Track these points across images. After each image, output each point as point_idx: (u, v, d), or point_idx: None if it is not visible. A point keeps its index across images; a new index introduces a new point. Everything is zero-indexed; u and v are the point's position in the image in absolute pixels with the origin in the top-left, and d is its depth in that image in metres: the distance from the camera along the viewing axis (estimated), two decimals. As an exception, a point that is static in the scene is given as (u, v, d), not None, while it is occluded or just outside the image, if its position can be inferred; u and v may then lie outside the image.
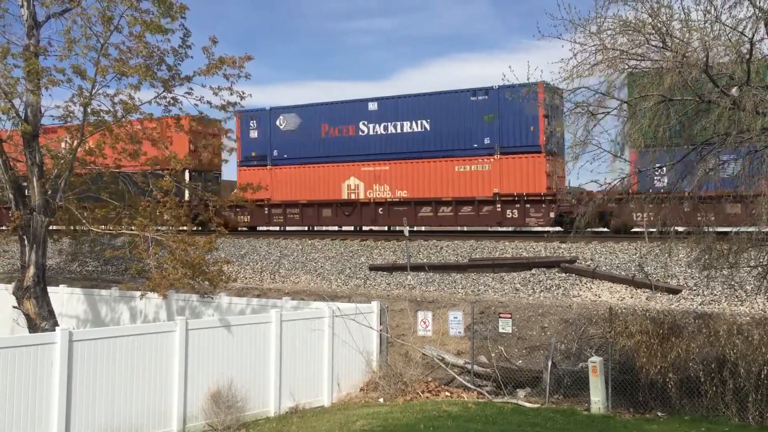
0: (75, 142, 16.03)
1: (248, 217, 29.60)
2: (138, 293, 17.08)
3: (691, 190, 11.39)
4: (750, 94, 10.07)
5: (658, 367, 13.15)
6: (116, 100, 15.88)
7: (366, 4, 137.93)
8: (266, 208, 29.24)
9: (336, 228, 30.82)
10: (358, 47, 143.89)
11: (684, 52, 10.32)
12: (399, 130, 27.17)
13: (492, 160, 25.10)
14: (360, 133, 27.92)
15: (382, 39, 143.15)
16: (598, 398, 13.75)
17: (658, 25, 10.70)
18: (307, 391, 15.38)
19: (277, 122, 29.78)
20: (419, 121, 26.81)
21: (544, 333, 16.28)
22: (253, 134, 30.17)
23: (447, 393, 15.55)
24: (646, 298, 17.46)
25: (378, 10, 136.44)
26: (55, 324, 14.78)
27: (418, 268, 21.47)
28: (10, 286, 17.26)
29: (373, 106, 27.74)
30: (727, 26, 10.38)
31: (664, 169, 12.24)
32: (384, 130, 27.49)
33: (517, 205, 24.59)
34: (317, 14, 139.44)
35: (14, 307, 16.05)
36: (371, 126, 27.72)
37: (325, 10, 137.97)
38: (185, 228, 16.81)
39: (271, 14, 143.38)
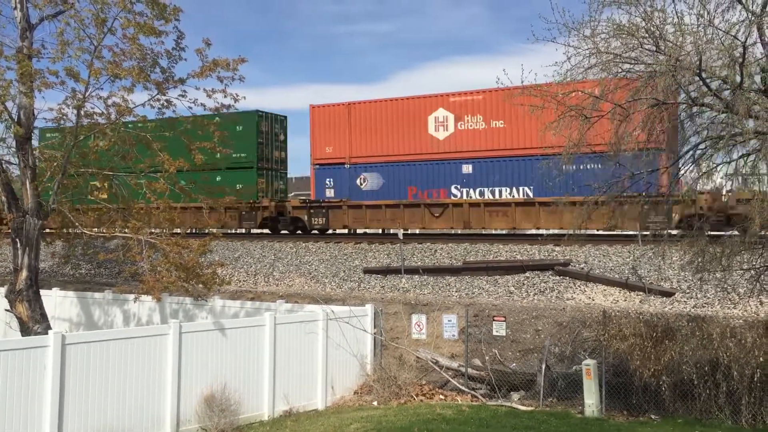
0: (68, 144, 15.97)
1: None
2: (131, 296, 17.00)
3: None
4: (743, 98, 10.11)
5: (652, 369, 13.16)
6: (110, 102, 15.83)
7: (361, 7, 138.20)
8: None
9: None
10: (353, 50, 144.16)
11: (677, 55, 10.36)
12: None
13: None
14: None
15: (377, 42, 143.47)
16: (591, 401, 13.77)
17: (652, 28, 10.74)
18: (301, 394, 15.34)
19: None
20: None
21: (538, 336, 16.29)
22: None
23: (441, 396, 15.54)
24: (640, 301, 17.49)
25: (373, 14, 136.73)
26: (48, 327, 14.69)
27: (412, 271, 21.46)
28: (3, 289, 17.17)
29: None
30: (720, 30, 10.43)
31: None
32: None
33: None
34: (312, 17, 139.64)
35: (6, 310, 15.96)
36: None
37: (320, 13, 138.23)
38: (178, 231, 16.69)
39: (266, 17, 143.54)
